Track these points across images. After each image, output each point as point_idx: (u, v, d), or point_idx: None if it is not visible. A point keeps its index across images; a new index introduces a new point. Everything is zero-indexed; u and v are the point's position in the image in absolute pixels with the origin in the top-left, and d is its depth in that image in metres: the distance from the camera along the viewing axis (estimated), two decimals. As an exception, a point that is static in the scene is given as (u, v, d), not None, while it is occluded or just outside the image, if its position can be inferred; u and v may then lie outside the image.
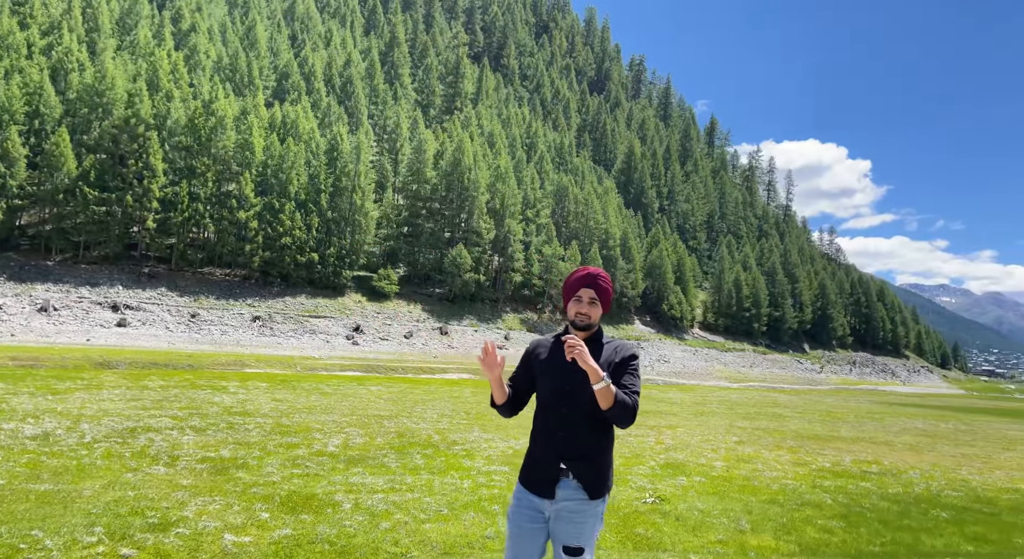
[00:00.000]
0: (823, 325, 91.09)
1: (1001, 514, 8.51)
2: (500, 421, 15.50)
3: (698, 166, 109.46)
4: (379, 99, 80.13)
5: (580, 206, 74.08)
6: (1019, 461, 13.94)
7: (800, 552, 6.50)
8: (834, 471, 11.17)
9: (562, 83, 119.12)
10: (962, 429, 20.82)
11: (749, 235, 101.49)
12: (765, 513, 7.87)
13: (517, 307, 66.29)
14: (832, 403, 32.39)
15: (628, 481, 9.30)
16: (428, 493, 7.92)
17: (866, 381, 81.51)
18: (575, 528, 2.82)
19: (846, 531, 7.29)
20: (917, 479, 10.82)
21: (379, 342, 50.74)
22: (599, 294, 3.04)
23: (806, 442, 15.00)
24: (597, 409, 2.84)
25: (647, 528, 7.03)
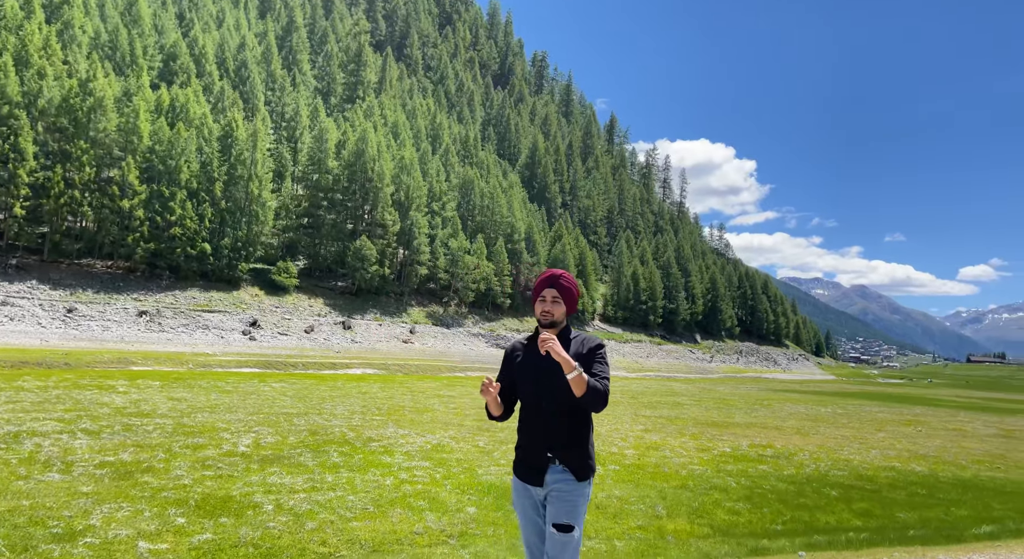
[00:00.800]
0: (713, 317, 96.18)
1: (881, 490, 9.37)
2: (414, 417, 15.43)
3: (599, 163, 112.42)
4: (277, 85, 76.93)
5: (486, 200, 74.36)
6: (890, 441, 15.35)
7: (713, 534, 6.90)
8: (734, 456, 11.90)
9: (466, 75, 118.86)
10: (839, 412, 22.66)
11: (646, 230, 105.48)
12: (678, 498, 8.30)
13: (423, 300, 65.79)
14: (724, 391, 34.31)
15: (547, 472, 9.54)
16: (351, 491, 7.81)
17: (751, 369, 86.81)
18: (565, 507, 3.03)
19: (751, 512, 7.81)
20: (807, 460, 11.70)
21: (278, 337, 48.95)
22: (561, 293, 3.23)
23: (706, 429, 15.86)
24: (573, 398, 3.02)
25: (570, 516, 7.26)
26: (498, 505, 7.50)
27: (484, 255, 68.38)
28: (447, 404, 19.07)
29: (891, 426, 18.75)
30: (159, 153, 51.08)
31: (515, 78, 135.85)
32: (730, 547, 6.25)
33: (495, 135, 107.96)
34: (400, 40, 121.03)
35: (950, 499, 9.02)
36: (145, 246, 49.05)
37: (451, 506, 7.39)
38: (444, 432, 13.07)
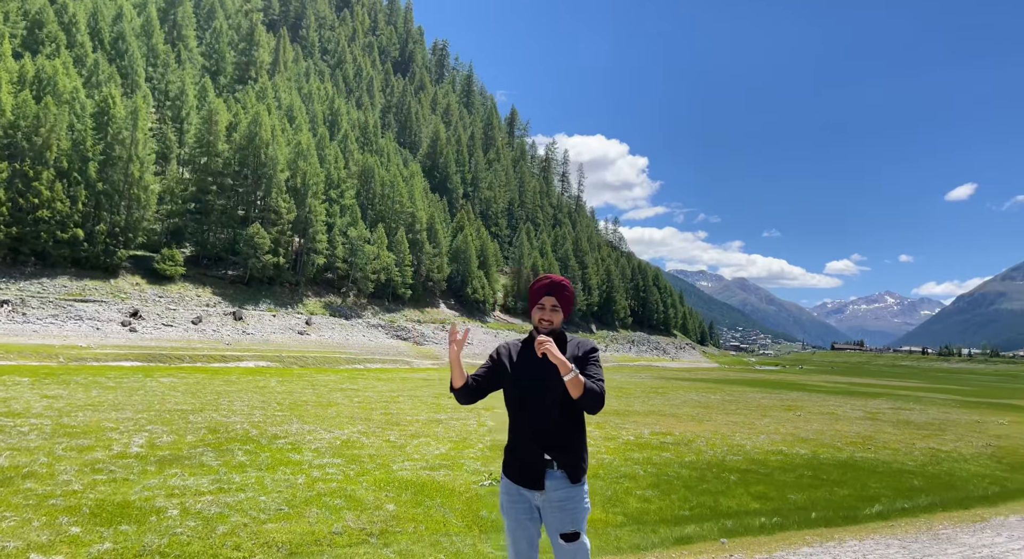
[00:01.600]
0: (608, 307, 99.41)
1: (773, 474, 10.05)
2: (319, 412, 15.00)
3: (500, 155, 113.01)
4: (160, 61, 71.94)
5: (386, 188, 72.99)
6: (775, 426, 16.47)
7: (627, 522, 7.16)
8: (639, 444, 12.39)
9: (365, 61, 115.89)
10: (727, 399, 24.06)
11: (545, 223, 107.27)
12: (591, 488, 8.55)
13: (320, 291, 63.86)
14: (621, 380, 35.58)
15: (462, 465, 9.55)
16: (262, 492, 7.51)
17: (643, 358, 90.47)
18: (569, 515, 3.05)
19: (660, 499, 8.17)
20: (704, 447, 12.36)
21: (162, 329, 46.05)
22: (560, 301, 3.27)
23: (609, 418, 16.40)
24: (569, 400, 3.06)
25: (490, 511, 7.31)
26: (417, 501, 7.46)
27: (384, 245, 67.23)
28: (351, 398, 18.68)
29: (774, 411, 20.12)
30: (23, 129, 46.60)
31: (415, 66, 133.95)
32: (645, 535, 6.51)
33: (395, 123, 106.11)
34: (295, 21, 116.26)
35: (832, 480, 9.80)
36: (6, 230, 44.70)
37: (369, 504, 7.27)
38: (352, 427, 12.80)
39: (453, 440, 11.78)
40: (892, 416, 20.51)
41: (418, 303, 72.40)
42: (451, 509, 7.30)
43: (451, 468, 9.32)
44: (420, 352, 57.83)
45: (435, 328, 67.96)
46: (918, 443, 14.66)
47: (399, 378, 29.25)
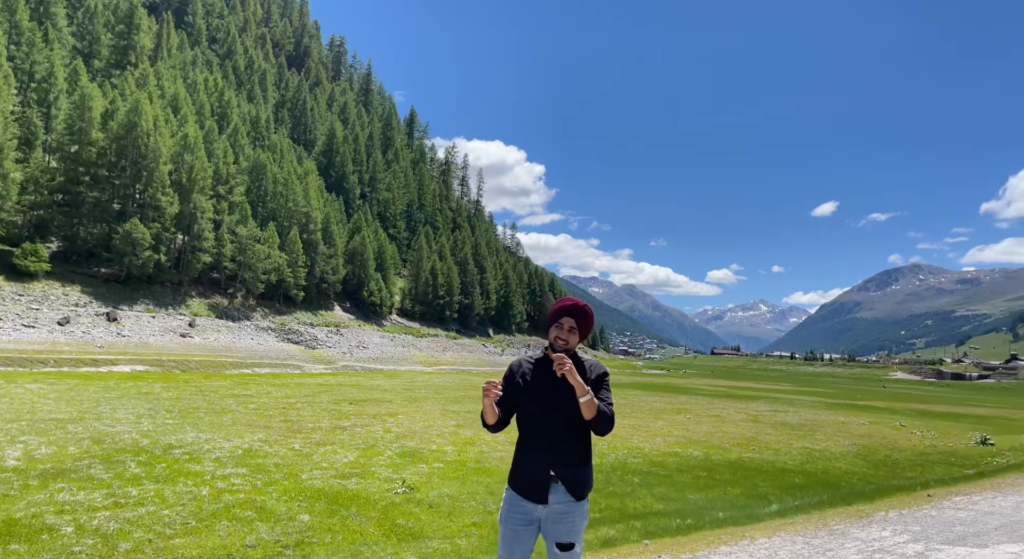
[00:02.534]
0: (505, 312, 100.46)
1: (672, 475, 10.61)
2: (214, 419, 14.30)
3: (399, 156, 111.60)
4: (23, 39, 65.77)
5: (279, 186, 70.29)
6: (668, 428, 17.32)
7: (542, 522, 7.37)
8: (545, 446, 12.69)
9: (257, 53, 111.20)
10: (622, 403, 24.99)
11: (445, 226, 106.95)
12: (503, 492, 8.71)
13: (205, 291, 60.52)
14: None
15: (374, 473, 9.45)
16: (164, 505, 7.14)
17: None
18: (566, 527, 3.15)
19: (572, 499, 8.44)
20: (607, 450, 12.84)
21: (23, 330, 42.09)
22: (579, 324, 3.34)
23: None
24: (580, 420, 3.15)
25: (407, 519, 7.31)
26: (331, 511, 7.33)
27: (276, 244, 64.72)
28: (246, 404, 17.92)
29: (666, 415, 21.13)
30: None
31: (311, 61, 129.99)
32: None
33: (290, 119, 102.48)
34: (181, 6, 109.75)
35: (725, 480, 10.47)
36: None
37: (282, 515, 7.07)
38: (252, 435, 12.33)
39: (360, 448, 11.60)
40: (770, 418, 22.07)
41: (312, 305, 70.18)
42: (367, 518, 7.24)
43: (363, 476, 9.20)
44: (313, 356, 56.10)
45: (329, 331, 66.12)
46: (795, 443, 15.88)
47: (294, 384, 28.30)
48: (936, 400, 51.45)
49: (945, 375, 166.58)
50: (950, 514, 6.68)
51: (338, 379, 34.16)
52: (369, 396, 22.87)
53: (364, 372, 46.05)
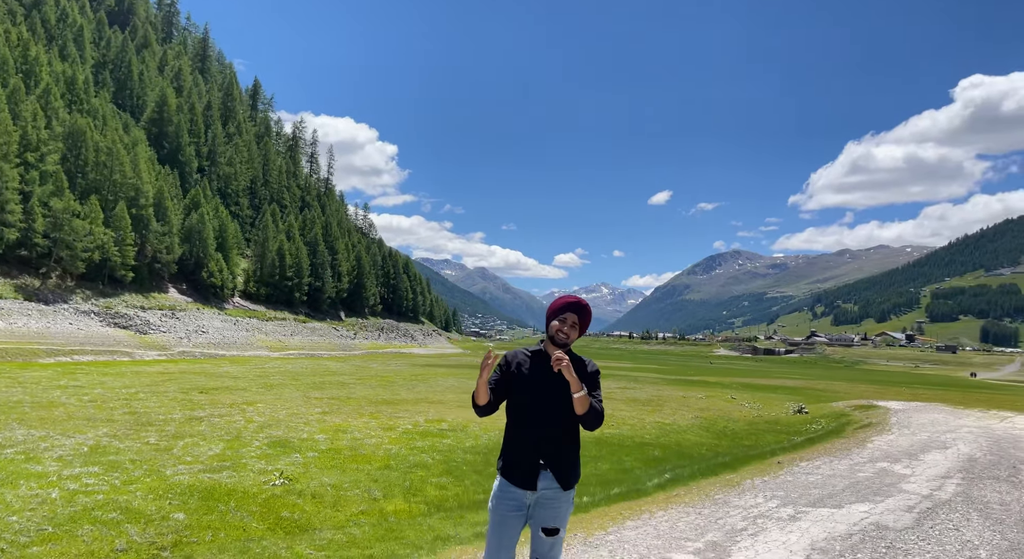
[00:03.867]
0: (358, 294, 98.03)
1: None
2: (44, 414, 12.85)
3: (242, 129, 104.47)
4: None
5: (102, 155, 63.32)
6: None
7: (429, 511, 7.46)
8: (418, 432, 12.74)
9: (71, 5, 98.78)
10: (484, 384, 25.53)
11: (293, 205, 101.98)
12: (388, 480, 8.68)
13: (11, 271, 53.44)
14: (378, 368, 35.64)
15: (246, 465, 9.04)
16: (8, 511, 6.43)
17: (392, 345, 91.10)
18: (553, 513, 3.29)
19: (456, 485, 8.59)
20: (479, 431, 13.13)
21: None
22: (581, 320, 3.45)
23: (381, 407, 16.51)
24: (572, 414, 3.25)
25: (291, 511, 7.12)
26: (208, 507, 6.96)
27: (100, 220, 58.47)
28: (79, 396, 16.27)
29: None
30: None
31: (137, 19, 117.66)
32: (454, 523, 6.87)
33: (113, 82, 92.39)
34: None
35: (593, 455, 11.10)
36: None
37: (152, 514, 6.62)
38: (95, 430, 11.28)
39: (224, 439, 11.01)
40: (622, 395, 23.58)
41: (143, 287, 64.36)
42: (248, 513, 6.96)
43: (235, 469, 8.78)
44: (145, 342, 51.65)
45: (163, 315, 61.11)
46: (647, 418, 17.14)
47: (130, 372, 25.98)
48: (754, 373, 57.40)
49: (759, 350, 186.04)
50: (802, 479, 7.64)
51: (180, 366, 31.81)
52: (220, 384, 21.57)
53: (206, 358, 43.17)
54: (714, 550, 4.77)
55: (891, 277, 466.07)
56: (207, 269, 71.18)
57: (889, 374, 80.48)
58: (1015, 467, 8.60)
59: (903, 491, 7.01)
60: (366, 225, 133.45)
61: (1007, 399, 29.74)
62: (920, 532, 5.32)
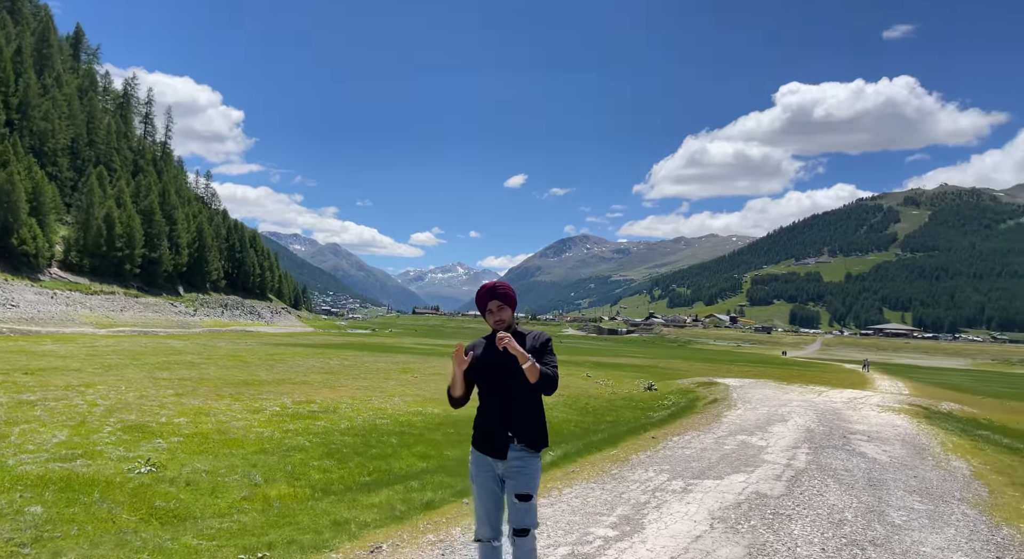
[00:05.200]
0: (199, 268, 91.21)
1: (424, 434, 11.11)
2: None
3: (61, 81, 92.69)
4: None
5: None
6: (401, 388, 17.90)
7: (316, 494, 7.27)
8: (289, 414, 12.27)
9: None
10: (347, 364, 24.96)
11: (124, 169, 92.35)
12: (266, 464, 8.34)
13: None
14: (227, 347, 33.62)
15: (101, 453, 8.30)
16: None
17: (237, 322, 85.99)
18: (524, 480, 3.58)
19: (340, 468, 8.42)
20: (352, 413, 12.89)
21: None
22: (503, 300, 3.74)
23: (241, 388, 15.68)
24: (527, 383, 3.52)
25: (165, 500, 6.67)
26: (69, 500, 6.35)
27: None
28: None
29: (394, 375, 21.72)
30: None
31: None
32: (347, 505, 6.77)
33: None
34: None
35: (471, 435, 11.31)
36: None
37: (3, 509, 5.95)
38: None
39: (68, 425, 9.99)
40: (485, 373, 24.04)
41: (-65, 255, 55.82)
42: (116, 503, 6.43)
43: (89, 457, 8.03)
44: (-59, 318, 45.01)
45: (-37, 287, 53.47)
46: (513, 394, 17.65)
47: (-72, 353, 22.59)
48: (603, 353, 60.76)
49: (603, 331, 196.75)
50: (680, 453, 8.29)
51: (-10, 346, 28.10)
52: (46, 364, 19.37)
53: (20, 336, 38.41)
54: (629, 523, 5.10)
55: (719, 264, 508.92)
56: (18, 236, 63.08)
57: (718, 353, 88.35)
58: (845, 437, 9.92)
59: (766, 461, 7.87)
60: (208, 194, 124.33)
61: (815, 375, 33.86)
62: (793, 498, 6.03)
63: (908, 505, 6.02)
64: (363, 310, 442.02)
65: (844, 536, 4.94)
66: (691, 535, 4.80)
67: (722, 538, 4.80)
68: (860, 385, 28.03)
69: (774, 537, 4.84)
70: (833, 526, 5.22)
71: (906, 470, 7.77)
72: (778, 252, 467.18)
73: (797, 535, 4.91)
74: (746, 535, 4.90)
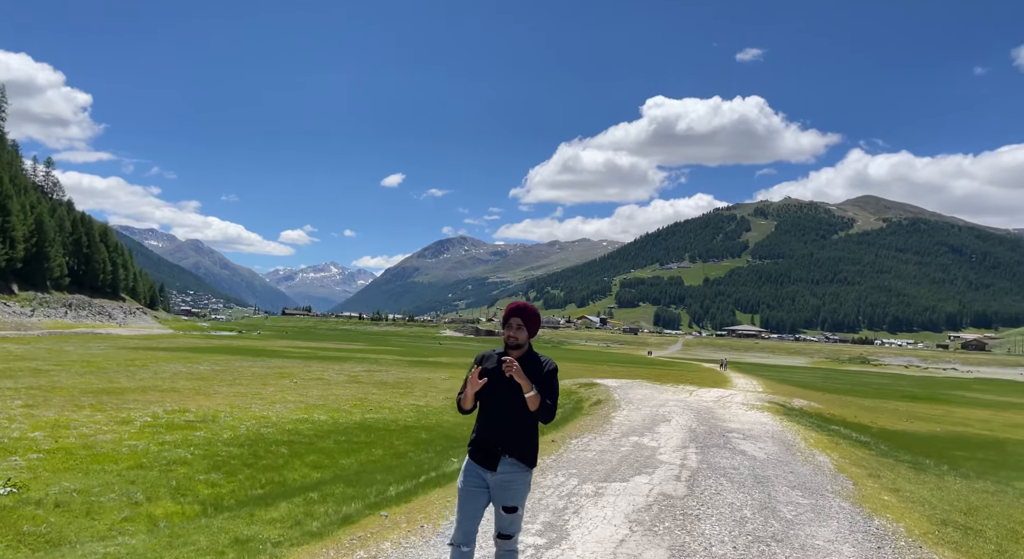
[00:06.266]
0: (38, 265, 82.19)
1: (314, 442, 10.71)
2: None
3: None
4: None
5: None
6: (281, 394, 17.14)
7: (207, 511, 6.82)
8: (162, 425, 11.39)
9: None
10: (217, 369, 23.49)
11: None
12: (146, 480, 7.72)
13: None
14: (78, 352, 30.59)
15: (-54, 477, 7.30)
16: None
17: (83, 324, 78.40)
18: (511, 493, 3.76)
19: (229, 481, 7.93)
20: (233, 422, 12.17)
21: None
22: (525, 321, 3.89)
23: (101, 397, 14.38)
24: (527, 409, 3.73)
25: (35, 524, 6.04)
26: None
27: None
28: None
29: (272, 380, 20.73)
30: None
31: None
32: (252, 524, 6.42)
33: None
34: None
35: (363, 441, 11.02)
36: None
37: None
38: None
39: (-102, 446, 8.72)
40: (369, 378, 23.53)
41: None
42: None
43: (-70, 482, 7.06)
44: None
45: None
46: (401, 400, 17.43)
47: None
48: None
49: (481, 332, 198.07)
50: (582, 456, 8.48)
51: None
52: None
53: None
54: (554, 530, 5.16)
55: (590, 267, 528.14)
56: None
57: (591, 353, 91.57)
58: (724, 436, 10.64)
59: (663, 462, 8.26)
60: (49, 184, 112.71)
61: (683, 374, 35.98)
62: (696, 499, 6.36)
63: (793, 500, 6.57)
64: (227, 310, 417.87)
65: (749, 533, 5.32)
66: (615, 539, 4.97)
67: (644, 541, 5.02)
68: (722, 384, 30.12)
69: (690, 538, 5.12)
70: (737, 524, 5.60)
71: (783, 466, 8.47)
72: (644, 257, 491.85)
73: (709, 534, 5.22)
74: (664, 537, 5.14)
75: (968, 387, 55.82)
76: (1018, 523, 6.24)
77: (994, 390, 52.79)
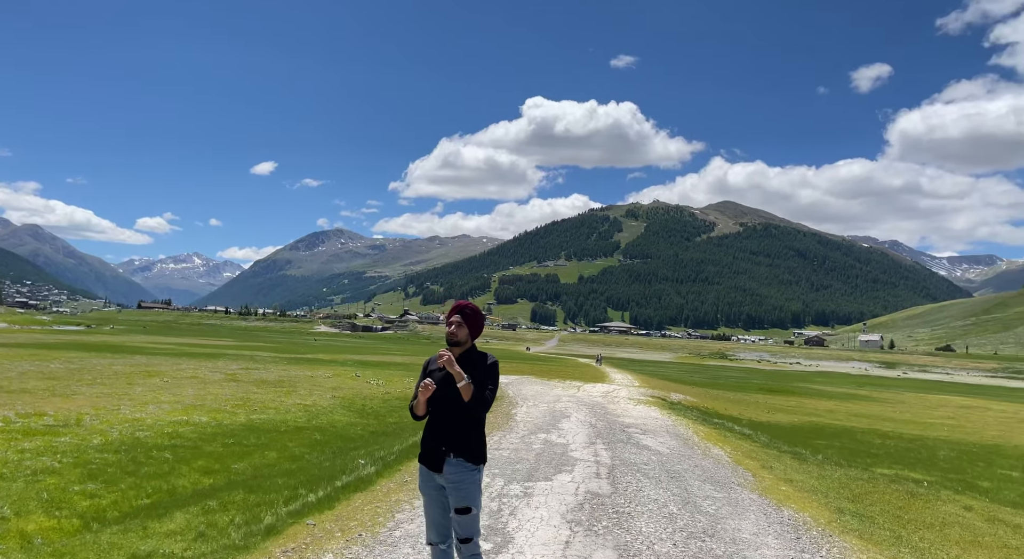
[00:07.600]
0: None
1: (200, 446, 9.91)
2: None
3: None
4: None
5: None
6: (153, 395, 15.79)
7: (89, 525, 6.15)
8: (17, 430, 10.11)
9: None
10: (74, 368, 21.27)
11: None
12: (10, 492, 6.82)
13: None
14: None
15: None
16: None
17: None
18: (461, 494, 3.77)
19: (110, 491, 7.18)
20: (102, 426, 11.03)
21: None
22: (464, 319, 3.99)
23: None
24: (463, 402, 3.75)
25: None
26: None
27: None
28: None
29: (139, 379, 19.04)
30: None
31: None
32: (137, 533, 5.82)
33: None
34: None
35: (254, 444, 10.35)
36: None
37: None
38: None
39: None
40: (247, 376, 22.22)
41: None
42: None
43: None
44: None
45: None
46: (286, 400, 16.58)
47: None
48: (362, 350, 59.80)
49: (358, 328, 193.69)
50: (496, 454, 8.30)
51: None
52: None
53: None
54: (498, 533, 5.03)
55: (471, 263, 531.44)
56: None
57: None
58: (624, 431, 10.97)
59: (578, 459, 8.34)
60: None
61: (565, 370, 36.96)
62: (623, 496, 6.45)
63: (709, 494, 6.86)
64: (72, 303, 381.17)
65: (682, 529, 5.47)
66: (559, 541, 4.94)
67: (588, 542, 5.02)
68: (602, 379, 31.20)
69: (630, 537, 5.18)
70: (668, 520, 5.75)
71: (687, 460, 8.84)
72: (523, 254, 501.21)
73: (647, 532, 5.32)
74: (607, 537, 5.17)
75: (811, 380, 61.44)
76: (898, 508, 6.88)
77: (833, 382, 58.58)
